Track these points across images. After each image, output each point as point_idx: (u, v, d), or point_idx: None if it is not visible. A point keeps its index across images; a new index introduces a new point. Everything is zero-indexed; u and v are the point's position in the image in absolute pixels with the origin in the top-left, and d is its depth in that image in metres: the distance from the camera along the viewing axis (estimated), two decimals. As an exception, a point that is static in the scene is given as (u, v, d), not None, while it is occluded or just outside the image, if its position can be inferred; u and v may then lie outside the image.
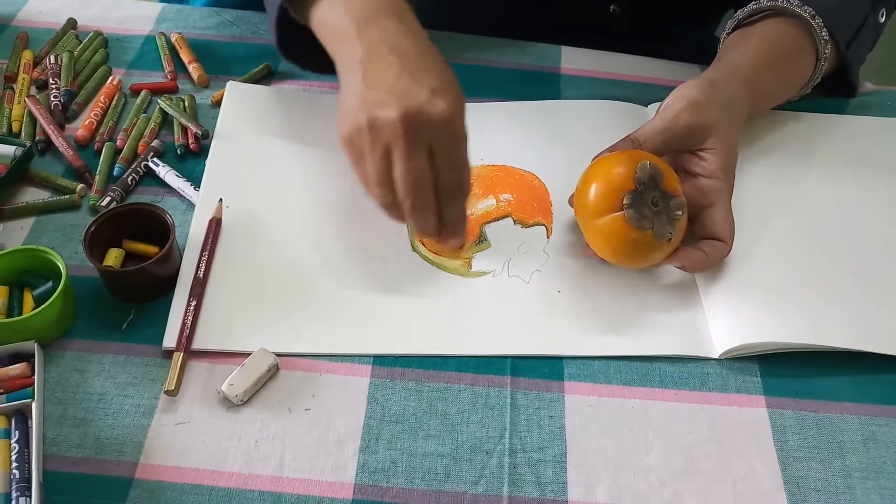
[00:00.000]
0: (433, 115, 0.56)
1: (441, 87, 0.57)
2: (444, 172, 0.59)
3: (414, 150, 0.56)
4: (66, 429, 0.55)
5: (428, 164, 0.57)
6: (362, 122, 0.57)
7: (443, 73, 0.59)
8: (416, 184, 0.58)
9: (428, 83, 0.57)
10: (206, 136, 0.72)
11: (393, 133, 0.56)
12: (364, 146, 0.58)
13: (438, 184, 0.59)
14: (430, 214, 0.60)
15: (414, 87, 0.56)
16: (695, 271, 0.64)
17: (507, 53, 0.84)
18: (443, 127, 0.56)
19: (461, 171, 0.60)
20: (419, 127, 0.56)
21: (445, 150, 0.58)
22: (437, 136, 0.57)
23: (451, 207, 0.61)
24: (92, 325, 0.60)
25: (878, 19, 0.76)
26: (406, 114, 0.55)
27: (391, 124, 0.56)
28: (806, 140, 0.76)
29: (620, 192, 0.59)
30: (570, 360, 0.60)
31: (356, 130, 0.58)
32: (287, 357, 0.59)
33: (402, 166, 0.57)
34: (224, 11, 0.86)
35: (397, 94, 0.56)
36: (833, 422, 0.59)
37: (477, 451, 0.56)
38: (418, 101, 0.56)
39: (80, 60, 0.79)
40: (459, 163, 0.60)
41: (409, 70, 0.57)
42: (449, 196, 0.60)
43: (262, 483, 0.53)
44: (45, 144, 0.71)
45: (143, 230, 0.63)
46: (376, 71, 0.58)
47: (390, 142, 0.56)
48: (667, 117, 0.64)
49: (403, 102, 0.55)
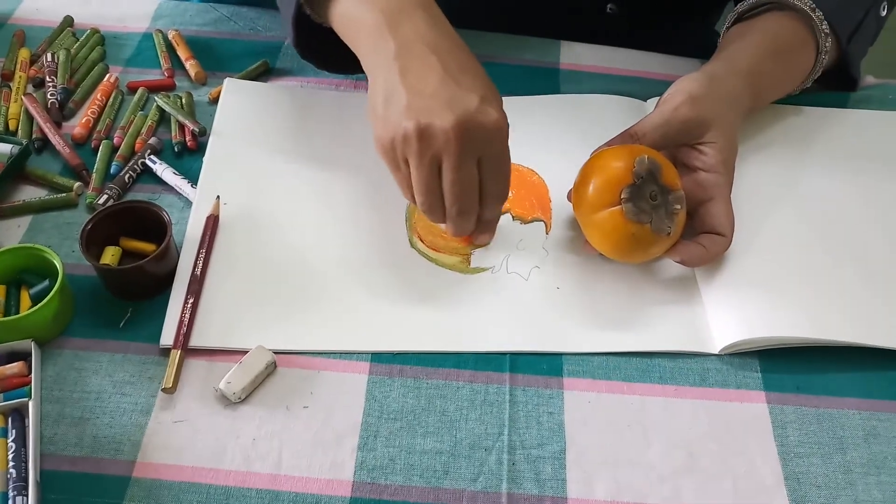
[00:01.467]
0: (485, 123, 0.55)
1: (489, 94, 0.56)
2: (492, 180, 0.58)
3: (465, 160, 0.55)
4: (63, 427, 0.55)
5: (476, 173, 0.57)
6: (409, 129, 0.55)
7: (484, 76, 0.57)
8: (466, 192, 0.57)
9: (475, 89, 0.55)
10: (203, 133, 0.72)
11: (445, 142, 0.54)
12: (409, 153, 0.56)
13: (484, 190, 0.58)
14: (472, 218, 0.59)
15: (463, 94, 0.55)
16: (694, 266, 0.64)
17: (506, 48, 0.83)
18: (494, 136, 0.56)
19: (507, 178, 0.59)
20: (472, 136, 0.54)
21: (494, 159, 0.57)
22: (487, 146, 0.56)
23: (492, 210, 0.60)
24: (89, 324, 0.60)
25: (880, 13, 0.75)
26: (459, 123, 0.54)
27: (443, 133, 0.54)
28: (806, 134, 0.76)
29: (618, 187, 0.59)
30: (569, 356, 0.60)
31: (400, 137, 0.56)
32: (285, 354, 0.59)
33: (452, 176, 0.56)
34: (221, 7, 0.85)
35: (447, 101, 0.54)
36: (834, 417, 0.58)
37: (476, 448, 0.55)
38: (470, 110, 0.54)
39: (77, 58, 0.78)
40: (506, 170, 0.59)
41: (451, 73, 0.56)
42: (492, 201, 0.59)
43: (260, 481, 0.53)
44: (41, 142, 0.71)
45: (141, 228, 0.63)
46: (416, 72, 0.56)
47: (441, 151, 0.55)
48: (666, 111, 0.64)
49: (456, 110, 0.54)
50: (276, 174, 0.70)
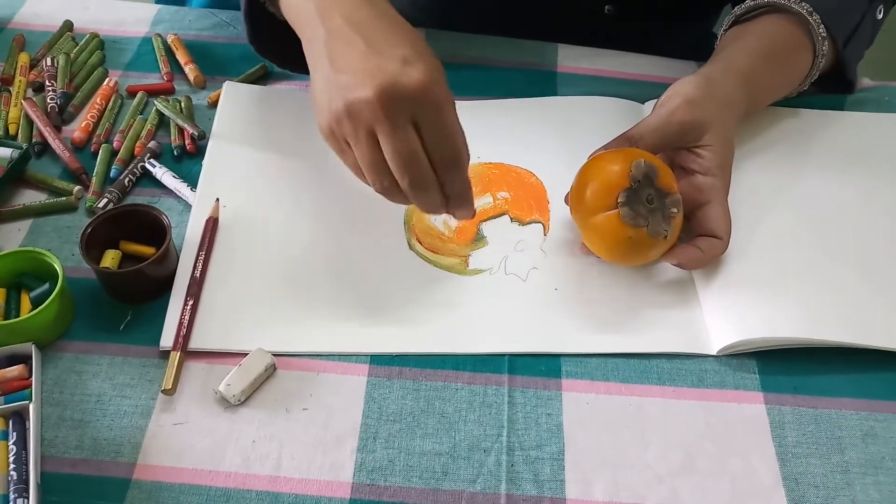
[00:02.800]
0: (409, 85, 0.52)
1: (412, 55, 0.53)
2: (435, 142, 0.55)
3: (398, 126, 0.53)
4: (63, 430, 0.55)
5: (416, 137, 0.54)
6: (339, 109, 0.54)
7: (412, 41, 0.55)
8: (409, 160, 0.54)
9: (397, 54, 0.53)
10: (202, 136, 0.72)
11: (372, 113, 0.53)
12: (347, 134, 0.55)
13: (432, 156, 0.55)
14: (432, 190, 0.57)
15: (383, 62, 0.53)
16: (691, 268, 0.64)
17: (504, 52, 0.83)
18: (422, 95, 0.53)
19: (453, 139, 0.56)
20: (397, 100, 0.52)
21: (431, 120, 0.54)
22: (418, 107, 0.53)
23: (452, 178, 0.57)
24: (89, 327, 0.60)
25: (876, 16, 0.76)
26: (380, 90, 0.52)
27: (368, 105, 0.52)
28: (803, 136, 0.76)
29: (615, 190, 0.59)
30: (567, 357, 0.60)
31: (334, 120, 0.55)
32: (284, 357, 0.59)
33: (389, 146, 0.54)
34: (220, 12, 0.86)
35: (368, 72, 0.53)
36: (831, 417, 0.58)
37: (475, 450, 0.56)
38: (391, 75, 0.52)
39: (77, 63, 0.79)
40: (449, 130, 0.55)
41: (374, 45, 0.54)
42: (446, 166, 0.56)
43: (260, 483, 0.53)
44: (41, 146, 0.72)
45: (140, 231, 0.63)
46: (341, 52, 0.55)
47: (372, 123, 0.53)
48: (663, 114, 0.64)
49: (376, 79, 0.52)
50: (275, 177, 0.70)
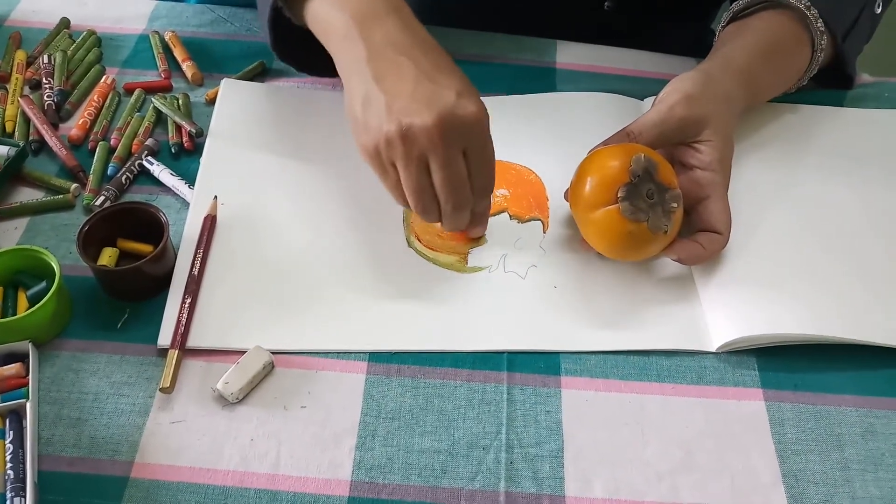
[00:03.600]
0: (465, 117, 0.55)
1: (464, 87, 0.56)
2: (477, 171, 0.58)
3: (451, 156, 0.55)
4: (61, 428, 0.55)
5: (465, 166, 0.57)
6: (391, 132, 0.55)
7: (458, 71, 0.58)
8: (457, 188, 0.57)
9: (451, 85, 0.56)
10: (200, 134, 0.72)
11: (428, 141, 0.54)
12: (395, 157, 0.56)
13: (473, 182, 0.58)
14: (468, 213, 0.60)
15: (439, 91, 0.55)
16: (691, 264, 0.64)
17: (503, 48, 0.83)
18: (475, 127, 0.56)
19: (492, 168, 0.59)
20: (454, 131, 0.55)
21: (478, 151, 0.57)
22: (470, 138, 0.56)
23: (482, 201, 0.61)
24: (86, 325, 0.60)
25: (875, 10, 0.76)
26: (440, 120, 0.54)
27: (426, 132, 0.54)
28: (803, 132, 0.76)
29: (615, 185, 0.59)
30: (566, 354, 0.60)
31: (384, 142, 0.56)
32: (282, 354, 0.59)
33: (441, 174, 0.56)
34: (218, 8, 0.85)
35: (425, 100, 0.55)
36: (831, 414, 0.58)
37: (474, 447, 0.55)
38: (449, 105, 0.54)
39: (74, 60, 0.78)
40: (491, 161, 0.59)
41: (425, 72, 0.56)
42: (481, 192, 0.60)
43: (259, 481, 0.53)
44: (38, 144, 0.71)
45: (138, 229, 0.63)
46: (390, 75, 0.56)
47: (426, 150, 0.55)
48: (662, 110, 0.64)
49: (435, 108, 0.54)
50: (274, 174, 0.70)
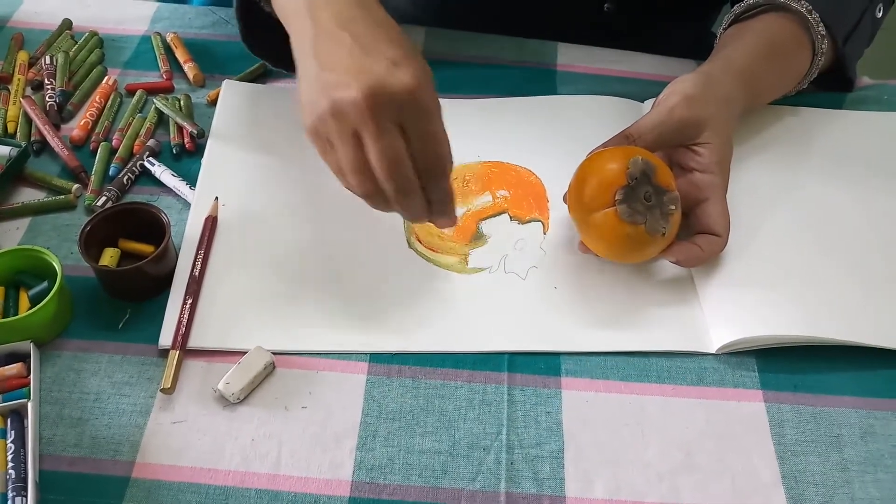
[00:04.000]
0: (396, 87, 0.51)
1: (400, 57, 0.52)
2: (420, 148, 0.54)
3: (383, 128, 0.52)
4: (62, 428, 0.55)
5: (402, 141, 0.53)
6: (324, 108, 0.52)
7: (400, 43, 0.54)
8: (394, 165, 0.53)
9: (385, 55, 0.52)
10: (201, 135, 0.72)
11: (358, 114, 0.51)
12: (331, 134, 0.54)
13: (417, 161, 0.54)
14: (415, 197, 0.55)
15: (370, 62, 0.52)
16: (690, 266, 0.64)
17: (503, 50, 0.83)
18: (409, 98, 0.52)
19: (438, 145, 0.55)
20: (384, 102, 0.51)
21: (417, 124, 0.53)
22: (405, 110, 0.52)
23: (435, 185, 0.56)
24: (88, 325, 0.60)
25: (876, 14, 0.76)
26: (367, 91, 0.51)
27: (354, 105, 0.51)
28: (803, 134, 0.76)
29: (613, 188, 0.59)
30: (566, 355, 0.60)
31: (318, 119, 0.53)
32: (283, 355, 0.59)
33: (374, 148, 0.52)
34: (220, 10, 0.85)
35: (355, 72, 0.51)
36: (831, 415, 0.58)
37: (474, 448, 0.56)
38: (378, 76, 0.51)
39: (76, 61, 0.79)
40: (435, 136, 0.54)
41: (362, 44, 0.53)
42: (430, 173, 0.55)
43: (259, 481, 0.53)
44: (40, 145, 0.71)
45: (139, 229, 0.63)
46: (328, 50, 0.54)
47: (357, 124, 0.52)
48: (661, 111, 0.64)
49: (363, 79, 0.51)
50: (275, 175, 0.70)
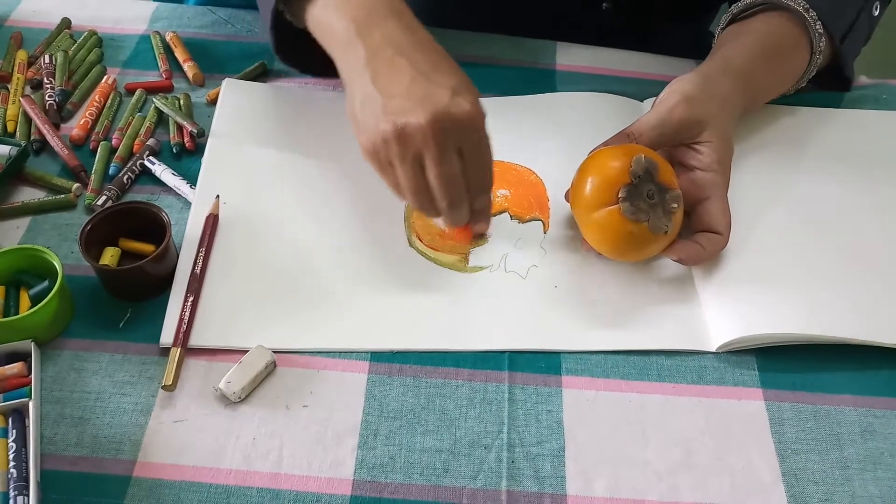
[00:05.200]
0: (459, 115, 0.55)
1: (459, 85, 0.56)
2: (474, 169, 0.59)
3: (446, 154, 0.56)
4: (63, 427, 0.55)
5: (459, 164, 0.57)
6: (387, 131, 0.56)
7: (456, 70, 0.58)
8: (452, 185, 0.58)
9: (446, 83, 0.56)
10: (201, 134, 0.72)
11: (423, 140, 0.55)
12: (392, 155, 0.57)
13: (469, 179, 0.59)
14: (465, 209, 0.60)
15: (434, 90, 0.55)
16: (691, 264, 0.64)
17: (503, 50, 0.84)
18: (470, 126, 0.56)
19: (489, 166, 0.60)
20: (448, 129, 0.55)
21: (474, 149, 0.58)
22: (465, 136, 0.57)
23: (480, 199, 0.61)
24: (89, 324, 0.60)
25: (873, 13, 0.76)
26: (433, 119, 0.54)
27: (420, 131, 0.55)
28: (801, 133, 0.76)
29: (616, 186, 0.59)
30: (567, 354, 0.61)
31: (381, 141, 0.57)
32: (284, 354, 0.59)
33: (435, 171, 0.56)
34: (219, 10, 0.86)
35: (420, 99, 0.55)
36: (830, 414, 0.59)
37: (475, 446, 0.56)
38: (443, 104, 0.55)
39: (75, 60, 0.79)
40: (487, 159, 0.60)
41: (422, 72, 0.56)
42: (478, 190, 0.60)
43: (261, 480, 0.53)
44: (40, 144, 0.71)
45: (140, 229, 0.63)
46: (387, 75, 0.57)
47: (421, 148, 0.56)
48: (662, 111, 0.64)
49: (429, 107, 0.55)
50: (275, 174, 0.70)
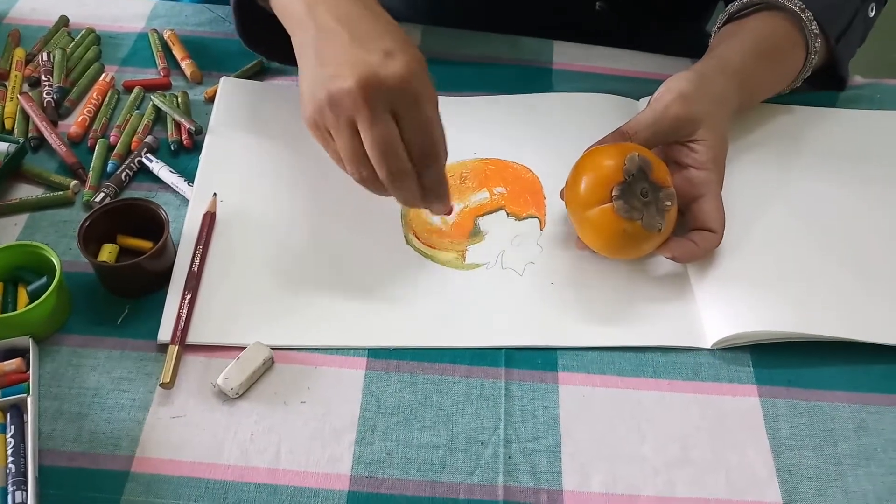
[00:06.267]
0: (389, 77, 0.54)
1: (394, 48, 0.55)
2: (413, 134, 0.56)
3: (377, 116, 0.54)
4: (61, 423, 0.55)
5: (395, 127, 0.55)
6: (321, 99, 0.55)
7: (394, 34, 0.57)
8: (387, 151, 0.55)
9: (379, 46, 0.55)
10: (199, 132, 0.72)
11: (352, 103, 0.54)
12: (329, 124, 0.56)
13: (410, 147, 0.56)
14: (409, 181, 0.58)
15: (364, 53, 0.54)
16: (686, 261, 0.64)
17: (499, 48, 0.84)
18: (401, 87, 0.54)
19: (431, 131, 0.57)
20: (376, 91, 0.54)
21: (409, 111, 0.56)
22: (397, 98, 0.55)
23: (428, 171, 0.58)
24: (86, 321, 0.61)
25: (868, 13, 0.76)
26: (361, 81, 0.53)
27: (349, 95, 0.54)
28: (796, 132, 0.77)
29: (609, 184, 0.60)
30: (563, 350, 0.61)
31: (317, 110, 0.56)
32: (282, 350, 0.59)
33: (368, 135, 0.55)
34: (216, 8, 0.86)
35: (350, 64, 0.54)
36: (824, 410, 0.59)
37: (472, 442, 0.56)
38: (372, 66, 0.54)
39: (73, 57, 0.79)
40: (427, 123, 0.57)
41: (357, 38, 0.56)
42: (423, 157, 0.57)
43: (259, 475, 0.54)
44: (38, 141, 0.71)
45: (138, 226, 0.63)
46: (326, 45, 0.56)
47: (352, 113, 0.55)
48: (657, 109, 0.64)
49: (357, 71, 0.54)
50: (272, 172, 0.70)
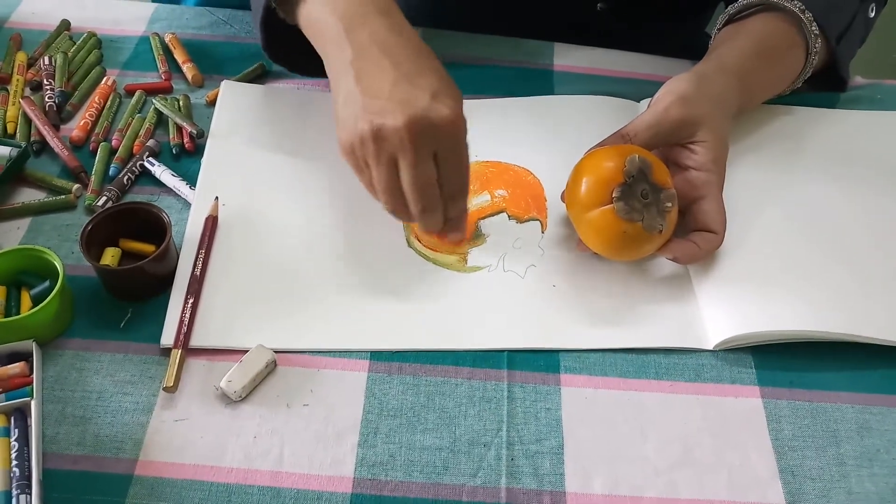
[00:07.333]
0: (437, 120, 0.55)
1: (441, 89, 0.56)
2: (450, 175, 0.58)
3: (420, 158, 0.56)
4: (65, 427, 0.55)
5: (434, 169, 0.57)
6: (364, 131, 0.56)
7: (439, 74, 0.58)
8: (425, 189, 0.57)
9: (427, 87, 0.56)
10: (201, 135, 0.72)
11: (399, 142, 0.55)
12: (368, 156, 0.57)
13: (443, 185, 0.59)
14: (438, 214, 0.60)
15: (414, 93, 0.55)
16: (687, 263, 0.64)
17: (500, 50, 0.84)
18: (447, 131, 0.56)
19: (465, 172, 0.60)
20: (424, 134, 0.55)
21: (450, 154, 0.58)
22: (442, 142, 0.56)
23: (455, 206, 0.61)
24: (89, 324, 0.61)
25: (868, 14, 0.77)
26: (410, 122, 0.54)
27: (396, 133, 0.55)
28: (797, 133, 0.77)
29: (610, 186, 0.60)
30: (565, 353, 0.61)
31: (357, 140, 0.57)
32: (285, 353, 0.59)
33: (409, 174, 0.56)
34: (217, 11, 0.86)
35: (399, 102, 0.55)
36: (827, 411, 0.59)
37: (475, 444, 0.56)
38: (421, 108, 0.55)
39: (75, 61, 0.79)
40: (463, 164, 0.59)
41: (405, 73, 0.56)
42: (453, 196, 0.60)
43: (262, 478, 0.54)
44: (40, 145, 0.72)
45: (140, 229, 0.63)
46: (371, 75, 0.57)
47: (396, 151, 0.56)
48: (657, 111, 0.65)
49: (407, 110, 0.55)
50: (274, 175, 0.70)
